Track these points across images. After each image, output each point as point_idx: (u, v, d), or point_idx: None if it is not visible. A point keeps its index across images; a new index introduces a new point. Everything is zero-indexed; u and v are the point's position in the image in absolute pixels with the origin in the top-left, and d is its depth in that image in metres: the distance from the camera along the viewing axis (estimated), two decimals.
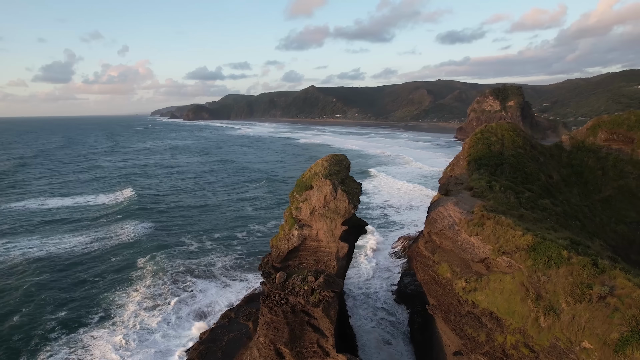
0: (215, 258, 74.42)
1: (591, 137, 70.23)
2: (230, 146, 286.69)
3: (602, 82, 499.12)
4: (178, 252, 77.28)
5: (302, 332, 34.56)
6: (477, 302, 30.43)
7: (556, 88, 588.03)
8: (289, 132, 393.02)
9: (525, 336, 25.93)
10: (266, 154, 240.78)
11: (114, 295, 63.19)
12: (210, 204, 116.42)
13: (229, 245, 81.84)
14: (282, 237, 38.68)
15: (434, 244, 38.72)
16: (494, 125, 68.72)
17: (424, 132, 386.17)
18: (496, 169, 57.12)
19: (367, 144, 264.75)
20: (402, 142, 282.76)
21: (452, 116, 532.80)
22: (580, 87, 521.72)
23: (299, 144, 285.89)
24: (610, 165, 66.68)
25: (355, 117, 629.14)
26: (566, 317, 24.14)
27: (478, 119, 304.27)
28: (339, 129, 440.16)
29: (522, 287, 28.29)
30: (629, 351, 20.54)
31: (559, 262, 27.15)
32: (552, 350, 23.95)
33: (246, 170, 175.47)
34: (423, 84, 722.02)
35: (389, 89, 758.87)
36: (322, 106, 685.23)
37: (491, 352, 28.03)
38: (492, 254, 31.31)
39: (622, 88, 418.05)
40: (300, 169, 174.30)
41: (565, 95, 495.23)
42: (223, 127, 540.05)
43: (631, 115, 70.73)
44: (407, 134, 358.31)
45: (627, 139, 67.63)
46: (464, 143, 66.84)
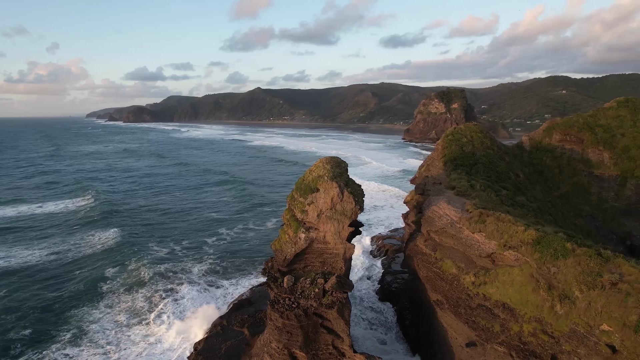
0: (189, 265, 72.08)
1: (547, 138, 75.96)
2: (184, 149, 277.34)
3: (531, 86, 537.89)
4: (149, 260, 73.90)
5: (316, 335, 34.66)
6: (488, 294, 32.18)
7: (491, 91, 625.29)
8: (239, 134, 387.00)
9: (543, 324, 27.88)
10: (224, 156, 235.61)
11: (82, 311, 59.26)
12: (175, 208, 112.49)
13: (200, 251, 79.56)
14: (288, 240, 38.51)
15: (433, 242, 40.31)
16: (462, 127, 72.26)
17: (372, 133, 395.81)
18: (471, 169, 60.17)
19: (322, 146, 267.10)
20: (354, 144, 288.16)
21: (397, 118, 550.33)
22: (513, 91, 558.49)
23: (254, 146, 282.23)
24: (565, 163, 72.59)
25: (302, 119, 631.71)
26: (582, 304, 26.28)
27: (424, 121, 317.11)
28: (288, 131, 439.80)
29: (532, 279, 30.36)
30: None
31: (565, 254, 29.42)
32: (572, 334, 25.98)
33: (209, 173, 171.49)
34: (368, 86, 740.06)
35: (334, 92, 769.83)
36: (268, 108, 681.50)
37: (507, 340, 29.82)
38: (499, 249, 33.27)
39: (549, 92, 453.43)
40: (265, 171, 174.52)
41: (500, 98, 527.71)
42: (169, 129, 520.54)
43: (579, 118, 77.41)
44: (357, 136, 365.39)
45: (578, 140, 73.93)
46: (436, 144, 69.68)
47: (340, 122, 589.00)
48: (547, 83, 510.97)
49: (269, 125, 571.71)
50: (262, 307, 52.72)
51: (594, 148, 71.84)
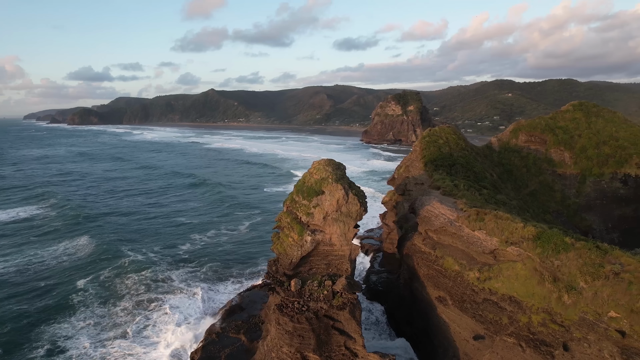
0: (168, 272, 69.71)
1: (514, 139, 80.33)
2: (143, 152, 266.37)
3: (479, 89, 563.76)
4: (124, 269, 70.83)
5: (328, 337, 34.80)
6: (494, 289, 33.74)
7: (442, 94, 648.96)
8: (195, 136, 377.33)
9: (552, 314, 29.65)
10: (187, 159, 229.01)
11: (54, 327, 55.76)
12: (144, 213, 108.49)
13: (176, 257, 77.17)
14: (293, 244, 38.38)
15: (432, 241, 41.62)
16: (437, 129, 74.82)
17: (331, 135, 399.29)
18: (450, 169, 62.51)
19: (284, 148, 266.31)
20: (315, 145, 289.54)
21: (353, 120, 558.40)
22: (463, 93, 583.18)
23: (215, 149, 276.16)
24: (531, 163, 77.08)
25: (258, 121, 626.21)
26: (589, 294, 28.24)
27: (382, 123, 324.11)
28: (246, 133, 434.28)
29: (536, 272, 32.20)
30: None
31: (566, 248, 31.46)
32: (582, 322, 27.86)
33: (177, 176, 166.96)
34: (322, 88, 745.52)
35: (289, 93, 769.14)
36: (223, 110, 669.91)
37: (516, 332, 31.42)
38: (501, 245, 34.98)
39: (496, 95, 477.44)
40: (233, 174, 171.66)
41: (451, 101, 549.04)
42: (120, 132, 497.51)
43: (541, 120, 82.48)
44: (316, 137, 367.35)
45: (542, 140, 78.75)
46: (414, 146, 71.73)
47: (297, 124, 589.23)
48: (494, 86, 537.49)
49: (225, 127, 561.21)
50: (254, 312, 52.08)
51: (555, 148, 76.80)
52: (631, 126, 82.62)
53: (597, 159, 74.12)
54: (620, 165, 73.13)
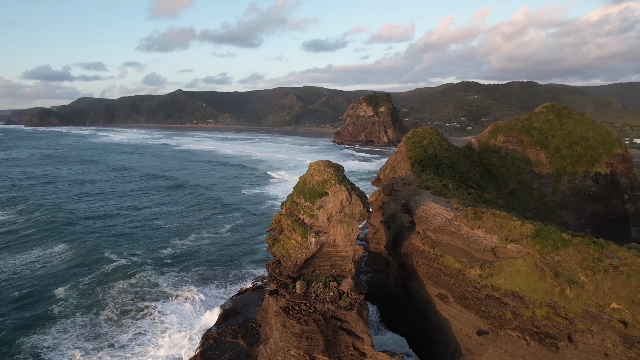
0: (154, 277, 67.93)
1: (492, 139, 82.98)
2: (114, 154, 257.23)
3: (446, 91, 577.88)
4: (105, 277, 68.56)
5: (336, 338, 34.96)
6: (497, 285, 34.86)
7: (410, 95, 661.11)
8: (165, 138, 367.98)
9: (556, 307, 30.94)
10: (161, 161, 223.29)
11: (33, 339, 53.38)
12: (122, 216, 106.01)
13: (159, 261, 75.35)
14: (296, 246, 38.33)
15: (430, 240, 42.49)
16: (420, 130, 76.30)
17: (302, 136, 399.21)
18: (437, 169, 63.92)
19: (256, 149, 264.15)
20: (288, 146, 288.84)
21: (323, 121, 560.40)
22: (430, 95, 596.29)
23: (188, 151, 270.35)
24: (509, 163, 79.87)
25: (227, 122, 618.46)
26: (590, 287, 29.67)
27: (354, 124, 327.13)
28: (217, 135, 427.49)
29: (537, 268, 33.51)
30: None
31: (564, 244, 32.92)
32: (585, 314, 29.23)
33: (153, 178, 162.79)
34: (292, 89, 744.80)
35: (258, 94, 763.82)
36: (191, 111, 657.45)
37: (521, 325, 32.58)
38: (501, 243, 36.19)
39: (462, 97, 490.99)
40: (211, 176, 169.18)
41: (419, 102, 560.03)
42: (84, 134, 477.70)
43: (517, 121, 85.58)
44: (288, 139, 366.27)
45: (519, 141, 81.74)
46: (399, 147, 72.74)
47: (267, 125, 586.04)
48: (460, 88, 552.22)
49: (194, 129, 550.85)
50: (249, 315, 51.55)
51: (532, 148, 79.90)
52: (599, 127, 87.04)
53: (570, 158, 77.67)
54: (592, 164, 76.93)
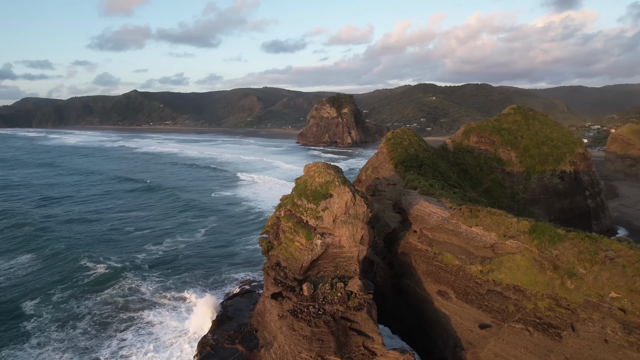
0: (134, 285, 65.45)
1: (466, 140, 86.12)
2: (73, 157, 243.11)
3: (405, 92, 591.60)
4: (80, 287, 65.31)
5: (347, 338, 35.21)
6: (498, 280, 36.33)
7: (369, 97, 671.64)
8: (123, 140, 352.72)
9: (558, 299, 32.67)
10: (125, 164, 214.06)
11: (4, 354, 50.21)
12: (91, 221, 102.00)
13: (137, 269, 72.60)
14: (302, 248, 38.27)
15: (428, 239, 43.62)
16: (399, 131, 78.03)
17: (265, 138, 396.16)
18: (419, 169, 65.66)
19: (221, 151, 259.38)
20: (253, 148, 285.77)
21: (285, 122, 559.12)
22: (389, 97, 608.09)
23: (151, 153, 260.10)
24: (483, 162, 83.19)
25: (186, 123, 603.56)
26: (589, 278, 31.59)
27: (318, 125, 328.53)
28: (177, 137, 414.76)
29: (536, 262, 35.25)
30: None
31: (561, 239, 34.86)
32: (587, 304, 31.07)
33: (121, 181, 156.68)
34: (252, 90, 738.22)
35: (217, 95, 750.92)
36: (148, 112, 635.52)
37: (524, 317, 34.16)
38: (500, 239, 37.78)
39: (421, 98, 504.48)
40: (179, 179, 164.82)
41: (379, 103, 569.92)
42: (33, 136, 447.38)
43: (488, 123, 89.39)
44: (251, 140, 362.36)
45: (490, 141, 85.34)
46: (380, 148, 74.05)
47: (228, 126, 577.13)
48: (418, 90, 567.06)
49: (151, 130, 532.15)
50: (243, 320, 50.84)
51: (503, 148, 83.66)
52: (561, 128, 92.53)
53: (538, 157, 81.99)
54: (558, 163, 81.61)
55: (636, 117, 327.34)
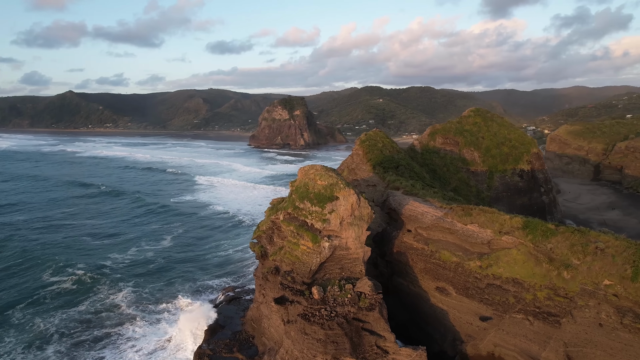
0: (109, 297, 61.88)
1: (432, 141, 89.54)
2: (11, 162, 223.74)
3: (352, 95, 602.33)
4: (43, 301, 60.81)
5: (360, 339, 35.66)
6: (497, 274, 38.42)
7: (317, 99, 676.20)
8: (62, 144, 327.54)
9: (556, 289, 35.15)
10: (74, 168, 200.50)
11: None
12: (47, 230, 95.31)
13: (106, 280, 68.74)
14: (309, 251, 38.25)
15: (423, 237, 45.11)
16: (371, 133, 79.66)
17: (215, 140, 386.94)
18: (396, 170, 67.58)
19: (173, 154, 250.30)
20: (204, 151, 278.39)
21: (233, 124, 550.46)
22: (337, 99, 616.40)
23: (98, 157, 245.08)
24: (449, 162, 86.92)
25: (129, 126, 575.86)
26: (583, 268, 34.31)
27: (270, 127, 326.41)
28: (121, 140, 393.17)
29: (531, 256, 37.69)
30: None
31: (553, 233, 37.55)
32: (583, 292, 33.71)
33: (74, 186, 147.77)
34: (197, 92, 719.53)
35: (161, 97, 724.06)
36: (86, 114, 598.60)
37: (524, 308, 36.40)
38: (496, 235, 39.95)
39: (368, 101, 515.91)
40: (135, 184, 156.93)
41: (327, 105, 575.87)
42: None
43: (452, 124, 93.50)
44: (202, 143, 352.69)
45: (455, 142, 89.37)
46: (355, 150, 75.14)
47: (174, 129, 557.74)
48: (365, 92, 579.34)
49: (91, 133, 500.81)
50: (236, 328, 49.82)
51: (467, 149, 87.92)
52: (517, 129, 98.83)
53: (499, 157, 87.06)
54: (517, 162, 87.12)
55: (564, 119, 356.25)
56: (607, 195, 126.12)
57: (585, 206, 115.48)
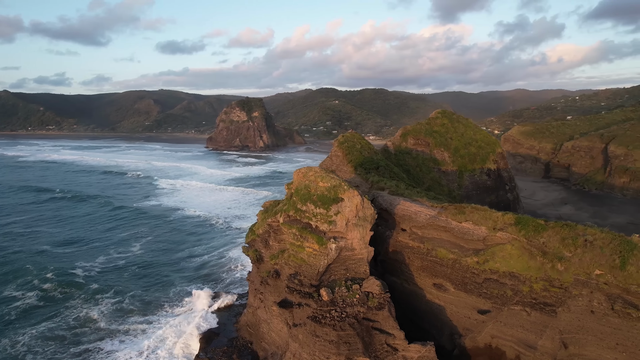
0: (81, 310, 58.54)
1: (404, 142, 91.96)
2: None
3: (307, 96, 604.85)
4: (9, 320, 56.53)
5: (371, 338, 36.16)
6: (494, 269, 40.28)
7: (272, 100, 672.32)
8: (1, 148, 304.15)
9: (551, 280, 37.40)
10: (23, 173, 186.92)
11: None
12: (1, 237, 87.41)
13: (78, 291, 65.09)
14: (316, 253, 38.33)
15: (418, 236, 46.38)
16: (348, 134, 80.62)
17: (169, 143, 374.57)
18: (377, 171, 68.98)
19: (128, 157, 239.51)
20: (161, 154, 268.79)
21: (186, 126, 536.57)
22: (292, 100, 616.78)
23: (49, 161, 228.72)
24: (421, 163, 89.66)
25: (74, 129, 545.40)
26: (575, 260, 36.77)
27: (228, 129, 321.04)
28: (69, 143, 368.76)
29: (525, 250, 39.86)
30: (629, 266, 34.34)
31: (543, 228, 39.93)
32: (577, 282, 36.12)
33: (30, 191, 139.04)
34: (147, 93, 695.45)
35: (108, 98, 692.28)
36: (24, 116, 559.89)
37: (521, 300, 38.42)
38: (490, 232, 41.87)
39: (324, 102, 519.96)
40: (95, 188, 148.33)
41: (283, 107, 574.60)
42: None
43: (422, 126, 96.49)
44: (156, 145, 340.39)
45: (426, 143, 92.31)
46: (334, 151, 75.62)
47: (124, 131, 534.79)
48: (321, 94, 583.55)
49: (32, 136, 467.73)
50: (231, 334, 48.93)
51: (437, 149, 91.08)
52: (481, 130, 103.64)
53: (468, 157, 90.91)
54: (484, 161, 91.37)
55: (510, 120, 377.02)
56: (558, 191, 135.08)
57: (541, 202, 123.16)
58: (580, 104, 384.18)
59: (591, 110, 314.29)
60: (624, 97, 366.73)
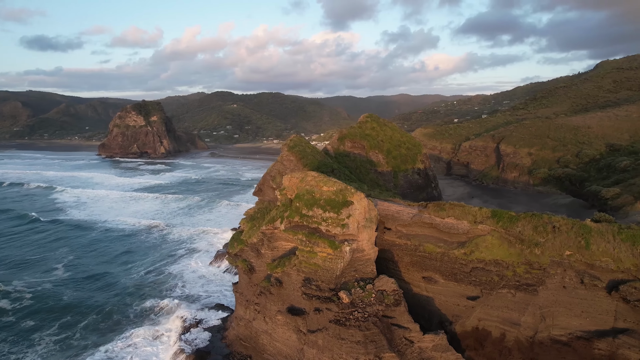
0: (20, 355, 50.47)
1: (342, 145, 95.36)
2: None
3: (203, 100, 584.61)
4: None
5: (391, 334, 37.78)
6: (481, 258, 44.76)
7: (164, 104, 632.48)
8: None
9: (531, 264, 42.90)
10: None
11: None
12: None
13: (50, 298, 56.21)
14: (330, 257, 38.79)
15: (403, 234, 49.23)
16: (295, 138, 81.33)
17: (51, 151, 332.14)
18: (333, 174, 70.95)
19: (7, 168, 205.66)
20: (46, 163, 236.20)
21: (67, 132, 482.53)
22: (185, 104, 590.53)
23: None
24: (360, 165, 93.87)
25: None
26: (548, 244, 42.80)
27: (123, 135, 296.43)
28: None
29: (504, 239, 45.07)
30: (592, 246, 41.10)
31: (516, 219, 45.60)
32: (553, 263, 42.03)
33: None
34: (12, 94, 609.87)
35: None
36: None
37: (507, 283, 43.39)
38: (472, 225, 46.39)
39: (222, 106, 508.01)
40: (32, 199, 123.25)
41: (176, 111, 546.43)
42: None
43: (357, 129, 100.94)
44: (37, 154, 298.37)
45: (361, 146, 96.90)
46: (285, 156, 75.82)
47: None
48: (217, 98, 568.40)
49: None
50: (222, 351, 46.60)
51: (372, 152, 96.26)
52: (405, 133, 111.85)
53: (400, 158, 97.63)
54: (414, 162, 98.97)
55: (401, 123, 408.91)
56: (462, 187, 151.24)
57: (451, 197, 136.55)
58: (459, 108, 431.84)
59: (468, 114, 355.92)
60: (491, 102, 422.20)
